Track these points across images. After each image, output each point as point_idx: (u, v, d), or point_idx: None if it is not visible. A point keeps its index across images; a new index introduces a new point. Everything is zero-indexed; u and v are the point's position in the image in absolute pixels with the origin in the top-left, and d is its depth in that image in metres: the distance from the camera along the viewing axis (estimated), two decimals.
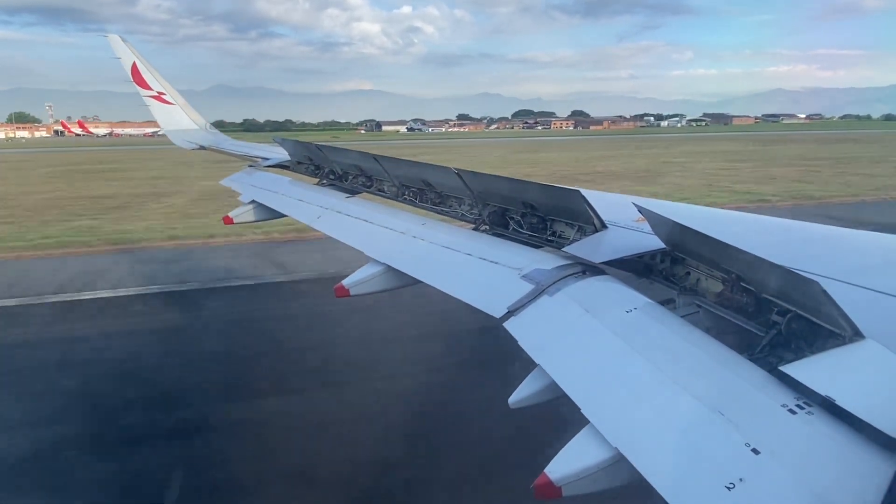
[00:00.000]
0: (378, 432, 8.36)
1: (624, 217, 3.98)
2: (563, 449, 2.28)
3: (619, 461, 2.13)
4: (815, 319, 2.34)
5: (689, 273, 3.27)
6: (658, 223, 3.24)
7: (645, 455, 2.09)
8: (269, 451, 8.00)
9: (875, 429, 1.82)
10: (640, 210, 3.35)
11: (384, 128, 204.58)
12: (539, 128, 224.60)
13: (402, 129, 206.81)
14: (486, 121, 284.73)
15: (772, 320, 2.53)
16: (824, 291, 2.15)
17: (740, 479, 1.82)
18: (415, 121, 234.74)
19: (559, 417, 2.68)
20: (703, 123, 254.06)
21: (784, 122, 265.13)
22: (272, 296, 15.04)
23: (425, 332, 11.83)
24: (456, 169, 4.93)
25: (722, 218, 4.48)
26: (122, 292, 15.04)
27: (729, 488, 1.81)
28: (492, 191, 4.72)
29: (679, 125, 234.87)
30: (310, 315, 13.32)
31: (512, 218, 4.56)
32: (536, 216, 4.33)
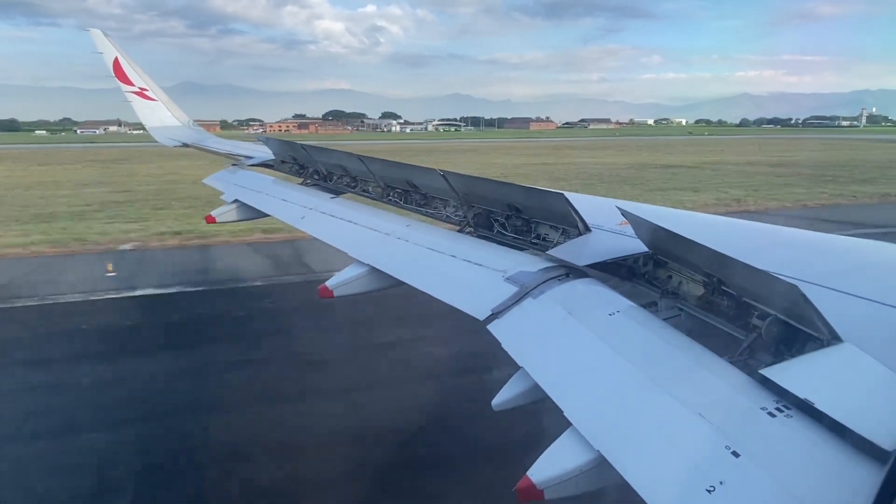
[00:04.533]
0: None
1: (607, 220, 3.99)
2: (546, 452, 2.28)
3: (600, 464, 2.14)
4: (794, 323, 2.36)
5: (671, 276, 3.29)
6: (641, 227, 3.26)
7: (626, 457, 2.09)
8: None
9: (852, 431, 1.85)
10: (624, 214, 3.37)
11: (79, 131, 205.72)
12: (260, 130, 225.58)
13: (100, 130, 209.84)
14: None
15: (752, 324, 2.55)
16: (803, 295, 2.18)
17: (720, 482, 1.83)
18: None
19: None
20: (454, 129, 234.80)
21: (591, 127, 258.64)
22: None
23: None
24: (441, 170, 4.92)
25: (704, 222, 4.52)
26: None
27: (709, 490, 1.82)
28: (476, 193, 4.71)
29: (408, 131, 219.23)
30: None
31: (496, 220, 4.56)
32: (521, 219, 4.33)
